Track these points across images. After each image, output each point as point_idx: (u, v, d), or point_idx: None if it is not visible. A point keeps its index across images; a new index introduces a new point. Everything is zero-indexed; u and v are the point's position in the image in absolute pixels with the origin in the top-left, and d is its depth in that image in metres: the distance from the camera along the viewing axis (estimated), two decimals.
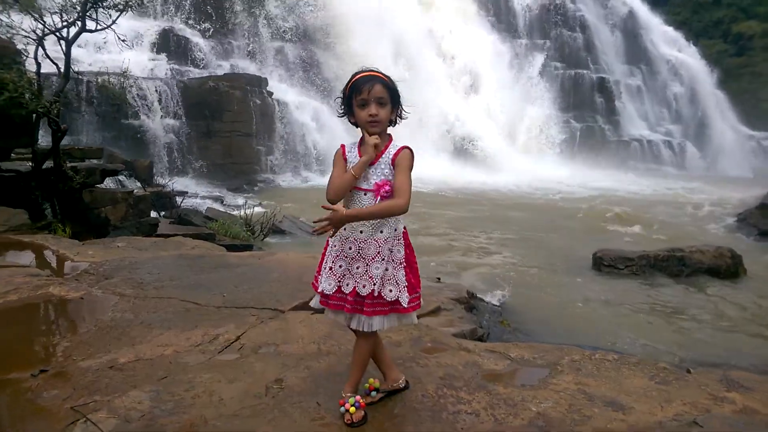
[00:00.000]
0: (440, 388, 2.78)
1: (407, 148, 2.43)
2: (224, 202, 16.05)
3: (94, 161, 10.08)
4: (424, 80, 27.74)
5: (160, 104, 18.66)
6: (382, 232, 2.40)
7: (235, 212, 12.59)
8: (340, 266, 2.42)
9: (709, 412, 2.63)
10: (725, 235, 13.32)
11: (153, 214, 10.54)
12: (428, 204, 16.33)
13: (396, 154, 2.41)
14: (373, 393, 2.58)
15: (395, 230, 2.43)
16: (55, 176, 7.49)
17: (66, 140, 9.24)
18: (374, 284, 2.36)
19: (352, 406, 2.42)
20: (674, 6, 47.08)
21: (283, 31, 25.37)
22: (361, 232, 2.40)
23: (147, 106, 18.23)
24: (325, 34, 25.80)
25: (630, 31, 39.64)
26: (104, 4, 7.26)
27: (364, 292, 2.36)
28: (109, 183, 10.89)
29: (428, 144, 25.49)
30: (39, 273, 4.69)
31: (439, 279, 7.89)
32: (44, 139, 9.06)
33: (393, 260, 2.41)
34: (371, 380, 2.60)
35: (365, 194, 2.40)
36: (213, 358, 3.09)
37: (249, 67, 23.32)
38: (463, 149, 27.80)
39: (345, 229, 2.41)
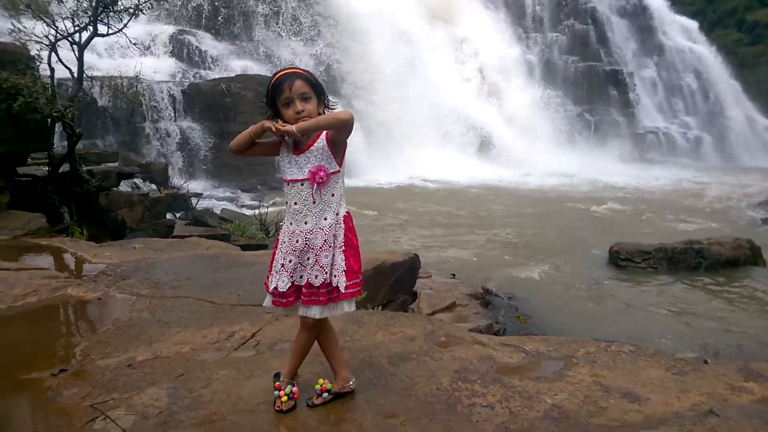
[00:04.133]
0: (455, 381, 2.77)
1: None
2: (239, 203, 16.17)
3: (110, 164, 10.20)
4: (437, 79, 27.74)
5: (173, 107, 18.83)
6: (326, 219, 2.40)
7: (250, 212, 12.67)
8: (290, 261, 2.41)
9: (726, 401, 2.61)
10: (743, 226, 13.16)
11: (169, 215, 10.64)
12: (440, 198, 16.31)
13: (328, 133, 2.40)
14: (325, 394, 2.55)
15: (337, 215, 2.42)
16: (72, 180, 7.59)
17: (81, 144, 9.35)
18: (326, 273, 2.37)
19: (286, 395, 2.47)
20: None
21: (295, 32, 25.43)
22: (305, 223, 2.40)
23: (160, 108, 18.39)
24: (338, 34, 25.84)
25: (642, 22, 39.31)
26: (115, 8, 7.33)
27: (317, 282, 2.37)
28: (125, 186, 11.01)
29: (441, 140, 25.42)
30: (57, 275, 4.74)
31: (453, 275, 7.89)
32: (60, 144, 9.17)
33: (335, 245, 2.41)
34: (321, 381, 2.57)
35: (302, 184, 2.40)
36: (229, 355, 3.11)
37: (261, 69, 23.41)
38: (476, 145, 27.69)
39: (291, 223, 2.42)
